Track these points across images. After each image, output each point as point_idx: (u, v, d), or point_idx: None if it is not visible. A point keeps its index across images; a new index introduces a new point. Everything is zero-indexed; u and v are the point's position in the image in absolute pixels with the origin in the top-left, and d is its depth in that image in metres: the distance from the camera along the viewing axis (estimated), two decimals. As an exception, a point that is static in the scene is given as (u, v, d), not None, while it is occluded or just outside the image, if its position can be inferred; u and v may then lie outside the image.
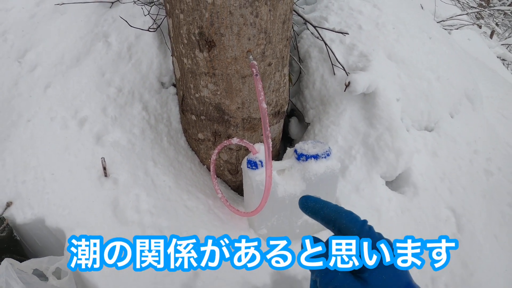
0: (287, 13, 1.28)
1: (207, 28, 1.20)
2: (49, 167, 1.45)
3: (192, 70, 1.33)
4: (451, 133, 1.79)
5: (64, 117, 1.57)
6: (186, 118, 1.51)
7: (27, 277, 1.15)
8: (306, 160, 1.29)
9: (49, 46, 1.87)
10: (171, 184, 1.39)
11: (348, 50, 1.67)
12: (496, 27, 5.35)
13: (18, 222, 1.39)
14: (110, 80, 1.65)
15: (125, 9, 1.85)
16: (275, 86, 1.39)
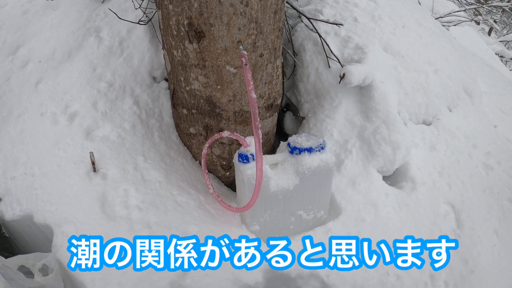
0: (279, 3, 1.25)
1: (196, 19, 1.17)
2: (38, 162, 1.42)
3: (182, 63, 1.30)
4: (449, 127, 1.75)
5: (55, 112, 1.55)
6: (177, 112, 1.48)
7: (11, 273, 1.12)
8: (299, 153, 1.26)
9: (41, 42, 1.85)
10: (161, 179, 1.36)
11: (343, 43, 1.64)
12: (494, 24, 5.31)
13: (6, 219, 1.36)
14: (101, 74, 1.63)
15: (117, 3, 1.82)
16: (267, 78, 1.36)
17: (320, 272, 1.25)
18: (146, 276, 1.10)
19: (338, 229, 1.36)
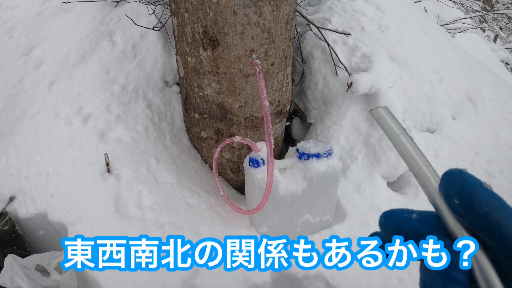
0: (290, 13, 1.29)
1: (211, 27, 1.21)
2: (53, 162, 1.46)
3: (196, 69, 1.35)
4: (452, 135, 1.79)
5: (68, 113, 1.59)
6: (189, 117, 1.52)
7: (30, 273, 1.16)
8: (307, 159, 1.30)
9: (55, 44, 1.89)
10: (173, 182, 1.40)
11: (350, 51, 1.68)
12: (499, 31, 5.35)
13: (20, 217, 1.40)
14: (114, 78, 1.67)
15: (130, 8, 1.87)
16: (277, 85, 1.40)
17: (325, 274, 1.29)
18: (159, 274, 1.14)
19: (343, 232, 1.40)
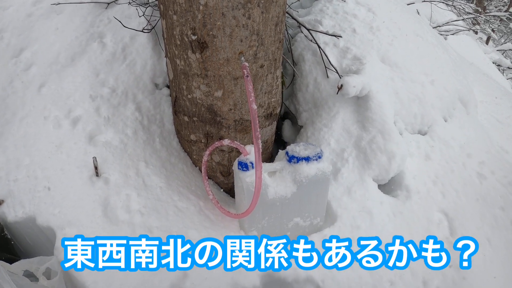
0: (280, 16, 1.29)
1: (200, 30, 1.21)
2: (41, 165, 1.45)
3: (185, 71, 1.34)
4: (444, 137, 1.79)
5: (58, 116, 1.58)
6: (178, 119, 1.51)
7: (18, 279, 1.14)
8: (297, 162, 1.29)
9: (45, 45, 1.87)
10: (162, 185, 1.39)
11: (341, 53, 1.68)
12: (492, 33, 5.39)
13: (9, 221, 1.39)
14: (104, 80, 1.66)
15: (121, 10, 1.86)
16: (267, 88, 1.39)
17: (315, 277, 1.28)
18: (148, 278, 1.14)
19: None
